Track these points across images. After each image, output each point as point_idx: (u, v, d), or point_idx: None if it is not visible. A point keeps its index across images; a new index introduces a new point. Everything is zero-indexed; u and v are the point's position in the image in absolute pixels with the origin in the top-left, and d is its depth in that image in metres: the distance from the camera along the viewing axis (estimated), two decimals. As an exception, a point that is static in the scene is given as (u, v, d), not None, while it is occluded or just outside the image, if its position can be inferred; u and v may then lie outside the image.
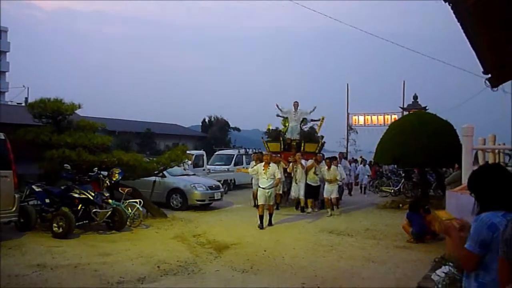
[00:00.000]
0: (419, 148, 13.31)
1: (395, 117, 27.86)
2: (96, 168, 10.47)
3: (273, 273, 6.73)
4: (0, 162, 8.43)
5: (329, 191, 13.06)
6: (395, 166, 19.31)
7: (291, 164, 13.77)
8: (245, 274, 6.66)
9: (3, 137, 8.61)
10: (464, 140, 6.12)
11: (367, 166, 22.61)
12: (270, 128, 16.08)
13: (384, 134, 15.76)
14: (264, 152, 14.37)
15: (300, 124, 15.74)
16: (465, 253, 2.41)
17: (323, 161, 14.41)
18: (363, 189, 21.17)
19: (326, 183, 13.20)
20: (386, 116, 32.32)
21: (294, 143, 15.19)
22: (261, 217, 10.59)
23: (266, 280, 6.35)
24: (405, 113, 24.20)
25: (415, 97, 24.93)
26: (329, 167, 13.16)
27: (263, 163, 11.21)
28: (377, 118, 33.39)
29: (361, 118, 34.54)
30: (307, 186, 13.56)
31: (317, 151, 15.19)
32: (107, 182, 10.34)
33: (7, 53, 56.15)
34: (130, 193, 10.92)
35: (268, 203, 10.90)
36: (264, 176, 10.88)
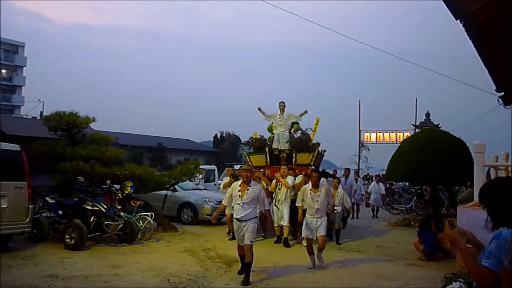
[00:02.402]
0: (431, 165, 13.21)
1: (407, 134, 27.75)
2: (108, 181, 10.60)
3: (282, 287, 6.71)
4: (15, 173, 8.59)
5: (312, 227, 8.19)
6: (407, 183, 19.15)
7: (273, 181, 10.74)
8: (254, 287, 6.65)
9: (18, 149, 8.77)
10: (475, 157, 6.10)
11: (380, 184, 18.57)
12: (256, 136, 12.75)
13: (396, 151, 15.65)
14: (242, 167, 8.74)
15: (290, 130, 12.44)
16: (484, 271, 2.32)
17: (325, 181, 10.57)
18: (374, 212, 17.77)
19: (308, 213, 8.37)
20: (398, 134, 32.24)
21: (284, 155, 11.96)
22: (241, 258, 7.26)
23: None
24: (417, 130, 24.09)
25: (428, 115, 24.84)
26: (314, 187, 8.33)
27: (240, 182, 7.45)
28: (389, 135, 33.31)
29: (373, 135, 34.47)
30: (294, 210, 9.79)
31: (311, 162, 11.74)
32: (119, 195, 10.45)
33: (24, 68, 57.22)
34: (142, 206, 11.00)
35: (242, 242, 7.03)
36: (239, 201, 7.03)
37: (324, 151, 12.97)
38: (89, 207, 9.42)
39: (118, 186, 10.76)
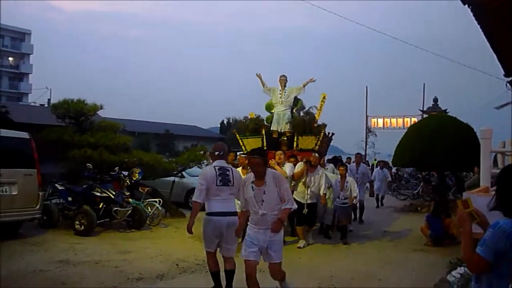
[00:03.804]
0: (438, 151, 13.17)
1: (415, 120, 27.64)
2: (117, 168, 10.68)
3: (289, 273, 6.75)
4: (25, 161, 8.68)
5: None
6: (414, 169, 19.12)
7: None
8: (261, 273, 6.70)
9: (28, 137, 8.85)
10: (482, 143, 6.07)
11: (385, 170, 16.82)
12: (252, 117, 10.72)
13: (403, 137, 15.59)
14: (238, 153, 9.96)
15: (292, 109, 10.44)
16: (476, 258, 2.36)
17: (329, 166, 10.83)
18: (379, 201, 16.16)
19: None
20: (405, 119, 32.13)
21: (284, 138, 10.19)
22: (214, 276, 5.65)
23: (282, 279, 6.39)
24: (425, 116, 24.00)
25: (435, 100, 24.70)
26: (258, 177, 4.96)
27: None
28: (396, 121, 33.23)
29: (380, 120, 34.39)
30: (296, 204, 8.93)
31: (316, 147, 9.81)
32: (127, 181, 10.54)
33: (31, 56, 57.37)
34: (150, 192, 11.10)
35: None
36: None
37: (332, 134, 11.23)
38: (98, 194, 9.52)
39: (126, 173, 10.85)
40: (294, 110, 10.44)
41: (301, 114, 10.41)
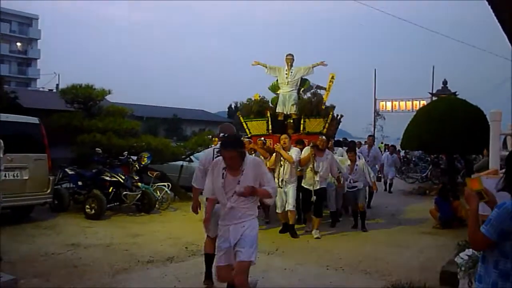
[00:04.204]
0: (447, 134, 13.12)
1: (424, 102, 27.37)
2: (126, 152, 10.75)
3: (298, 256, 6.85)
4: (35, 146, 8.77)
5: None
6: (423, 152, 19.05)
7: (273, 155, 8.35)
8: (270, 255, 6.80)
9: (38, 122, 8.92)
10: (492, 126, 6.00)
11: (394, 155, 16.48)
12: (257, 98, 10.14)
13: (412, 120, 15.51)
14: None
15: (299, 90, 9.94)
16: (480, 236, 2.39)
17: (338, 150, 10.29)
18: (387, 186, 15.55)
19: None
20: (414, 102, 31.81)
21: (290, 121, 9.71)
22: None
23: (290, 262, 6.47)
24: (434, 98, 23.80)
25: (445, 83, 24.43)
26: (230, 167, 4.23)
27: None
28: (405, 104, 32.92)
29: (389, 103, 34.12)
30: (303, 192, 8.34)
31: (324, 130, 9.37)
32: (136, 166, 10.62)
33: (38, 41, 57.45)
34: (159, 176, 11.18)
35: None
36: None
37: (341, 116, 10.70)
38: (107, 178, 9.61)
39: (135, 158, 10.92)
40: (301, 91, 9.94)
41: (308, 95, 9.89)
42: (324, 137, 8.50)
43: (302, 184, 8.32)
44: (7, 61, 52.84)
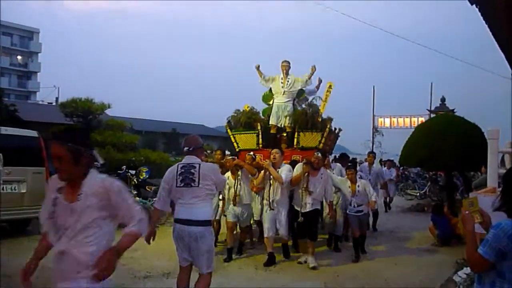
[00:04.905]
0: (445, 150, 13.15)
1: (422, 119, 27.52)
2: (124, 167, 10.75)
3: (296, 272, 6.81)
4: (33, 159, 8.77)
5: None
6: (421, 169, 19.07)
7: (261, 173, 7.30)
8: (268, 272, 6.76)
9: (36, 135, 8.93)
10: (489, 143, 6.06)
11: (392, 170, 15.76)
12: (246, 109, 9.25)
13: (411, 137, 15.53)
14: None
15: (295, 100, 9.05)
16: (477, 257, 2.38)
17: (335, 166, 9.16)
18: (387, 205, 14.57)
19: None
20: (412, 119, 31.99)
21: (284, 134, 8.93)
22: None
23: (288, 278, 6.43)
24: (432, 115, 23.91)
25: (443, 100, 24.57)
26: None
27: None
28: (404, 121, 33.09)
29: (387, 120, 34.27)
30: (294, 214, 7.27)
31: (320, 145, 8.48)
32: (134, 180, 10.60)
33: (39, 54, 57.70)
34: (157, 191, 11.14)
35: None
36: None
37: (340, 130, 9.82)
38: (105, 192, 9.55)
39: (133, 172, 10.92)
40: (295, 102, 9.07)
41: (303, 106, 9.03)
42: (319, 153, 7.41)
43: (293, 204, 7.34)
44: (7, 74, 53.00)
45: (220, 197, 7.68)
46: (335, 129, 9.59)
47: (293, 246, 7.90)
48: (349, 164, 8.93)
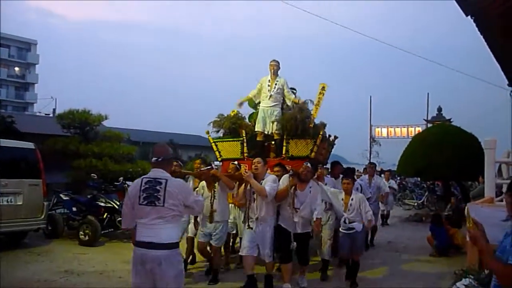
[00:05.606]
0: (443, 160, 13.21)
1: (419, 129, 27.56)
2: (121, 178, 10.73)
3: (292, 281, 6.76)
4: (30, 171, 8.75)
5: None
6: (419, 179, 19.10)
7: (242, 186, 6.16)
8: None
9: (33, 147, 8.92)
10: (486, 153, 6.08)
11: (391, 181, 14.18)
12: (233, 114, 8.28)
13: (408, 146, 15.63)
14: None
15: (283, 104, 8.07)
16: (510, 270, 2.20)
17: (327, 180, 7.77)
18: (384, 217, 13.47)
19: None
20: (409, 129, 32.02)
21: (272, 142, 8.03)
22: None
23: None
24: (429, 125, 23.97)
25: (439, 109, 24.70)
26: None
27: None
28: (401, 131, 33.12)
29: (384, 130, 34.30)
30: (281, 233, 6.04)
31: (312, 154, 7.43)
32: (131, 191, 10.57)
33: (36, 65, 57.77)
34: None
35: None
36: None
37: (336, 137, 8.89)
38: (102, 204, 9.55)
39: (130, 183, 10.89)
40: (284, 106, 8.08)
41: (294, 109, 7.81)
42: (309, 164, 6.33)
43: (279, 223, 6.10)
44: (5, 86, 53.01)
45: None
46: (330, 136, 8.65)
47: (277, 269, 6.61)
48: (344, 172, 7.60)
